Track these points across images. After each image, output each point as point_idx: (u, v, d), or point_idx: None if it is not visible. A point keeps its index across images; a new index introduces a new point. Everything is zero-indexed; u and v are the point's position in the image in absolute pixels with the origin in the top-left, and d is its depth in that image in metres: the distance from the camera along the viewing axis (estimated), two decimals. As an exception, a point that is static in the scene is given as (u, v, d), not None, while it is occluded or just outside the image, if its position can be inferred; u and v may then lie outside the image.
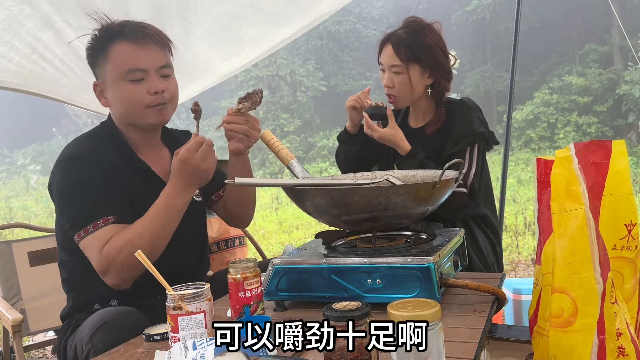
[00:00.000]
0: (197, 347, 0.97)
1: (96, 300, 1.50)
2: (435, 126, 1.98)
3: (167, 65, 1.51)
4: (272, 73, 19.42)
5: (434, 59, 1.92)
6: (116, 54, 1.46)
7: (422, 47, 1.91)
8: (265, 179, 1.77)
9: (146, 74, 1.46)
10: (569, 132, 14.51)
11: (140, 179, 1.52)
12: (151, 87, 1.46)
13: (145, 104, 1.47)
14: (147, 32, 1.48)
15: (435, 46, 1.92)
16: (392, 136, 1.91)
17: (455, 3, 18.93)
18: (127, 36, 1.46)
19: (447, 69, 1.96)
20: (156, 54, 1.49)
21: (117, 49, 1.46)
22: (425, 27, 1.94)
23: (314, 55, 20.61)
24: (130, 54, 1.46)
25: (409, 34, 1.93)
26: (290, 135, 18.57)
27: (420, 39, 1.91)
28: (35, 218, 11.57)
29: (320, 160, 17.25)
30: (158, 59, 1.49)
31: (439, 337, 0.85)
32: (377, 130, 1.92)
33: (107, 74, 1.49)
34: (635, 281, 0.97)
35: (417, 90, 1.95)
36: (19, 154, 21.43)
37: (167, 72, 1.51)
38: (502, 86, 16.62)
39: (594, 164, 0.93)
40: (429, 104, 2.02)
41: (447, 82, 1.98)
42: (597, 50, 16.40)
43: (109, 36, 1.48)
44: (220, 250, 2.39)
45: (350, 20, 20.94)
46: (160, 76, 1.49)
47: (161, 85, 1.48)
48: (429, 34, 1.93)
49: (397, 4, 21.60)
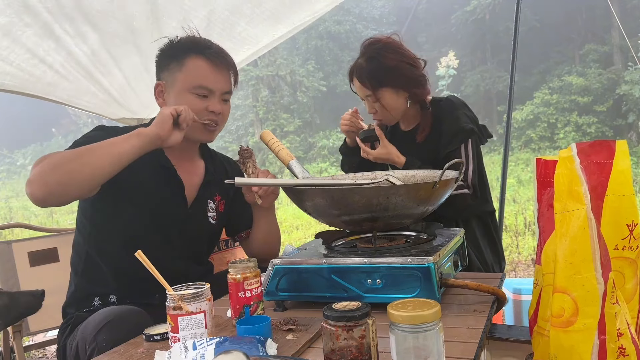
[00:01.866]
0: (197, 347, 0.96)
1: (96, 293, 1.54)
2: (424, 132, 1.99)
3: (229, 92, 1.64)
4: (272, 73, 19.43)
5: (400, 76, 1.91)
6: (192, 67, 1.56)
7: (384, 71, 1.91)
8: (265, 179, 1.77)
9: (211, 93, 1.58)
10: (569, 132, 14.52)
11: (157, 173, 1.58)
12: (211, 106, 1.57)
13: (201, 118, 1.56)
14: (225, 59, 1.61)
15: (399, 63, 1.91)
16: (386, 154, 1.95)
17: (455, 3, 18.93)
18: (207, 55, 1.57)
19: (418, 77, 1.95)
20: (225, 80, 1.61)
21: (194, 63, 1.56)
22: (382, 48, 1.92)
23: (314, 55, 20.61)
24: (205, 72, 1.56)
25: (368, 61, 1.93)
26: (290, 135, 18.57)
27: (380, 63, 1.91)
28: (35, 218, 11.57)
29: (320, 160, 17.26)
30: (225, 85, 1.61)
31: (439, 337, 0.85)
32: (371, 153, 1.98)
33: (176, 81, 1.57)
34: (636, 281, 0.97)
35: (397, 107, 1.97)
36: (19, 154, 21.44)
37: (227, 97, 1.64)
38: (502, 86, 16.63)
39: (596, 164, 0.93)
40: (416, 109, 2.04)
41: (422, 89, 1.97)
42: (597, 50, 16.41)
43: (190, 48, 1.58)
44: (220, 250, 2.39)
45: (350, 20, 20.94)
46: (222, 100, 1.61)
47: (220, 108, 1.60)
48: (388, 54, 1.91)
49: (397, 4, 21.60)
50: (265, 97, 19.50)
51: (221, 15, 2.59)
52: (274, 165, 16.77)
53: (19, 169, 20.37)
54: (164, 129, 1.41)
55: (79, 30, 2.38)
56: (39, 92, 2.76)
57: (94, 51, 2.54)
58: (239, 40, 2.83)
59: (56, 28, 2.31)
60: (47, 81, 2.65)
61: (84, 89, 2.80)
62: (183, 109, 1.44)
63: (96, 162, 1.34)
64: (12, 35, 2.25)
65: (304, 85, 19.77)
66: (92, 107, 3.03)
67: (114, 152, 1.36)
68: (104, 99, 2.93)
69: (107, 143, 1.38)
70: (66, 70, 2.61)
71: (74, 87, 2.76)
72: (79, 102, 2.95)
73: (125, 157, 1.38)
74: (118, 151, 1.36)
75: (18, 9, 2.13)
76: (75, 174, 1.32)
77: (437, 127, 1.97)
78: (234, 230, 1.83)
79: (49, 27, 2.29)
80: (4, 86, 2.59)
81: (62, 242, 2.50)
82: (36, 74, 2.56)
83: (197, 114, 1.53)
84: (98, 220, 1.56)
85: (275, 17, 2.74)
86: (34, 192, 1.31)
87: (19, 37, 2.28)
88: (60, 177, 1.31)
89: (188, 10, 2.48)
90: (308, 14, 2.85)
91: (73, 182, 1.33)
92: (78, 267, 1.60)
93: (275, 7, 2.66)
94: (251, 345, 0.97)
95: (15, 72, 2.50)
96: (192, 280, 1.18)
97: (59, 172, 1.31)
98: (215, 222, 1.72)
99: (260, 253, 1.71)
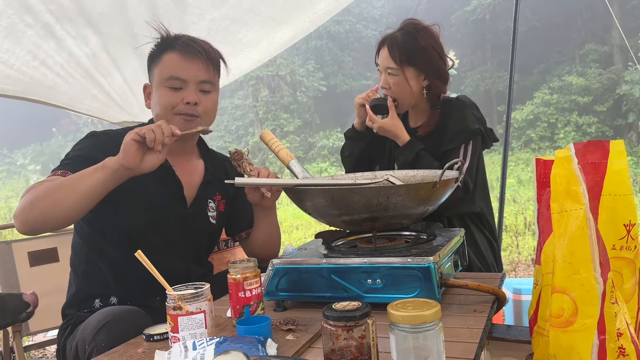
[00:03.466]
0: (197, 347, 0.97)
1: (97, 295, 1.54)
2: (426, 128, 1.99)
3: (208, 82, 1.57)
4: (272, 73, 19.43)
5: (428, 61, 1.92)
6: (165, 62, 1.55)
7: (417, 49, 1.91)
8: (265, 179, 1.77)
9: (185, 84, 1.53)
10: (569, 132, 14.52)
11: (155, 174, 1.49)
12: (186, 96, 1.53)
13: (175, 111, 1.53)
14: (197, 46, 1.55)
15: (431, 48, 1.92)
16: (392, 126, 1.93)
17: (455, 3, 18.94)
18: (177, 47, 1.55)
19: (442, 71, 1.96)
20: (200, 68, 1.55)
21: (167, 57, 1.55)
22: (422, 29, 1.94)
23: (314, 55, 20.62)
24: (175, 63, 1.53)
25: (404, 36, 1.93)
26: (290, 135, 18.57)
27: (416, 42, 1.91)
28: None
29: (320, 160, 17.26)
30: (200, 73, 1.55)
31: (439, 337, 0.85)
32: (377, 121, 1.95)
33: (154, 78, 1.58)
34: (634, 281, 0.97)
35: (412, 92, 1.95)
36: (19, 154, 21.44)
37: (207, 87, 1.58)
38: (502, 86, 16.63)
39: (592, 164, 0.93)
40: (427, 105, 2.02)
41: (443, 85, 1.97)
42: (597, 50, 16.42)
43: (164, 46, 1.57)
44: (220, 250, 2.39)
45: (350, 20, 20.95)
46: (200, 90, 1.56)
47: (195, 97, 1.54)
48: (425, 36, 1.93)
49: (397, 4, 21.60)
50: (265, 97, 19.51)
51: (222, 24, 2.61)
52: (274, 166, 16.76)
53: (19, 169, 20.37)
54: (128, 157, 1.32)
55: (80, 32, 2.39)
56: (40, 97, 2.77)
57: (94, 52, 2.55)
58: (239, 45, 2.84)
59: (57, 29, 2.32)
60: (48, 85, 2.66)
61: (84, 92, 2.80)
62: (146, 130, 1.32)
63: (65, 201, 1.34)
64: (13, 36, 2.26)
65: (304, 85, 19.78)
66: (93, 111, 3.03)
67: (80, 190, 1.33)
68: (105, 102, 2.94)
69: (75, 179, 1.35)
70: (67, 73, 2.62)
71: (75, 90, 2.77)
72: (80, 106, 2.96)
73: (92, 194, 1.34)
74: (84, 189, 1.33)
75: (19, 9, 2.13)
76: (49, 211, 1.34)
77: (444, 123, 1.96)
78: (234, 230, 1.81)
79: (50, 28, 2.30)
80: (6, 91, 2.60)
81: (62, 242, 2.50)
82: (37, 77, 2.57)
83: (173, 108, 1.52)
84: (95, 222, 1.54)
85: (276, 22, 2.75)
86: (18, 227, 1.38)
87: (20, 39, 2.29)
88: (37, 215, 1.35)
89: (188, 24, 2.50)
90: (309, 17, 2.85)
91: (50, 219, 1.36)
92: (78, 268, 1.60)
93: (277, 13, 2.67)
94: (251, 345, 0.97)
95: (16, 75, 2.50)
96: (192, 280, 1.18)
97: (36, 209, 1.34)
98: (216, 221, 1.71)
99: (261, 253, 1.70)
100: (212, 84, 1.59)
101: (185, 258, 1.63)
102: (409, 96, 1.96)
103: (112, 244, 1.53)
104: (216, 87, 1.62)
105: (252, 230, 1.76)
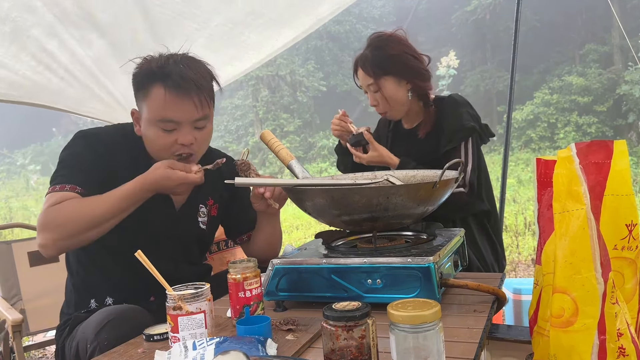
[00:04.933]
0: (197, 347, 0.96)
1: (92, 296, 1.53)
2: (426, 128, 2.01)
3: (202, 118, 1.48)
4: (272, 73, 19.42)
5: (403, 65, 1.94)
6: (154, 98, 1.44)
7: (388, 59, 1.94)
8: (265, 179, 1.77)
9: (179, 125, 1.45)
10: (569, 132, 14.52)
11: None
12: (180, 138, 1.45)
13: (172, 152, 1.48)
14: (188, 83, 1.42)
15: (402, 53, 1.95)
16: (378, 157, 1.97)
17: (455, 3, 18.93)
18: (167, 85, 1.41)
19: (420, 70, 1.97)
20: (192, 108, 1.44)
21: (155, 92, 1.43)
22: (386, 39, 1.98)
23: (314, 55, 20.62)
24: (166, 103, 1.42)
25: (373, 51, 1.97)
26: (290, 135, 18.57)
27: (384, 52, 1.95)
28: (35, 218, 11.49)
29: (320, 160, 17.25)
30: (194, 113, 1.45)
31: (439, 337, 0.85)
32: (363, 157, 1.99)
33: (143, 111, 1.48)
34: (635, 281, 0.97)
35: (399, 99, 1.98)
36: (18, 154, 21.43)
37: (202, 124, 1.49)
38: (502, 86, 16.63)
39: (595, 164, 0.93)
40: (419, 105, 2.05)
41: (425, 83, 1.99)
42: (597, 50, 16.41)
43: (151, 77, 1.44)
44: (220, 250, 2.39)
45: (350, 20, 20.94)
46: (195, 128, 1.48)
47: (191, 138, 1.46)
48: (392, 44, 1.96)
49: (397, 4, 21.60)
50: (265, 97, 19.51)
51: (224, 28, 2.61)
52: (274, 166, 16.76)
53: (19, 169, 20.36)
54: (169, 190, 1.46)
55: (84, 36, 2.40)
56: (44, 102, 2.76)
57: (98, 54, 2.55)
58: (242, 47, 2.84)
59: (60, 30, 2.31)
60: (53, 89, 2.65)
61: (88, 95, 2.80)
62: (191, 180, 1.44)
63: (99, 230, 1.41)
64: (18, 39, 2.26)
65: (304, 85, 19.77)
66: (97, 114, 3.02)
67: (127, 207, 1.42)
68: (109, 104, 2.93)
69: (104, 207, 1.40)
70: (71, 76, 2.61)
71: (80, 94, 2.76)
72: (84, 109, 2.96)
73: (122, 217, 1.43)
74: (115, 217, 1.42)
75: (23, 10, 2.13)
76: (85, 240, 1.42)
77: (440, 124, 1.98)
78: (234, 233, 1.79)
79: (54, 28, 2.29)
80: (10, 97, 2.60)
81: (62, 242, 2.50)
82: (41, 82, 2.56)
83: (167, 149, 1.47)
84: None
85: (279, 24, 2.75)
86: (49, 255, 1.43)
87: (24, 41, 2.28)
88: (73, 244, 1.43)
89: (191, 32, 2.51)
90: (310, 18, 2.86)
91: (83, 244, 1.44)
92: (73, 270, 1.59)
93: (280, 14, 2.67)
94: (251, 345, 0.97)
95: (21, 81, 2.50)
96: (184, 281, 1.18)
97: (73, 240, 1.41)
98: (206, 227, 1.66)
99: (262, 255, 1.68)
100: (206, 119, 1.50)
101: (176, 261, 1.59)
102: (399, 105, 1.99)
103: (104, 246, 1.51)
104: (211, 118, 1.54)
105: (254, 233, 1.74)
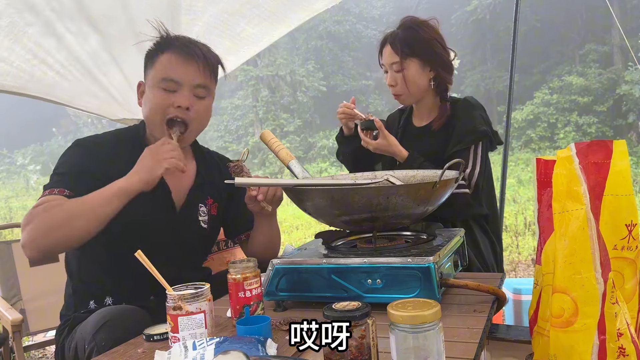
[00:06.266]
0: (197, 347, 0.96)
1: (92, 296, 1.52)
2: (440, 121, 1.99)
3: (203, 86, 1.53)
4: (272, 73, 19.44)
5: (432, 52, 1.94)
6: (161, 62, 1.51)
7: (418, 41, 1.93)
8: (265, 179, 1.77)
9: (179, 86, 1.49)
10: (569, 132, 14.53)
11: None
12: (178, 100, 1.48)
13: (167, 114, 1.49)
14: (195, 49, 1.51)
15: (433, 39, 1.94)
16: (387, 146, 1.93)
17: (455, 3, 18.95)
18: (175, 48, 1.50)
19: (447, 61, 1.97)
20: (196, 72, 1.50)
21: (164, 57, 1.51)
22: (420, 23, 1.97)
23: (314, 55, 20.63)
24: (171, 64, 1.49)
25: (405, 30, 1.95)
26: (290, 135, 18.58)
27: (416, 34, 1.94)
28: (35, 218, 11.53)
29: (320, 160, 17.26)
30: (196, 76, 1.50)
31: (439, 337, 0.85)
32: (371, 143, 1.96)
33: (148, 78, 1.54)
34: (635, 281, 0.97)
35: (419, 84, 1.96)
36: (18, 154, 21.45)
37: (202, 93, 1.53)
38: (502, 86, 16.64)
39: (594, 164, 0.93)
40: (434, 100, 2.03)
41: (448, 75, 1.98)
42: (597, 50, 16.42)
43: (162, 46, 1.53)
44: (220, 250, 2.39)
45: (350, 20, 20.96)
46: (194, 95, 1.51)
47: (188, 102, 1.49)
48: (425, 28, 1.95)
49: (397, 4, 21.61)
50: (265, 97, 19.52)
51: (220, 18, 2.61)
52: (274, 165, 16.77)
53: (19, 169, 20.38)
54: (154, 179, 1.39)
55: (81, 30, 2.38)
56: (39, 93, 2.76)
57: (94, 50, 2.55)
58: (238, 40, 2.84)
59: (58, 26, 2.31)
60: (48, 82, 2.65)
61: (84, 89, 2.80)
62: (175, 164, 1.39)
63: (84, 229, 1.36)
64: (13, 35, 2.25)
65: (304, 85, 19.79)
66: (92, 108, 3.02)
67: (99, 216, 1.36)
68: (104, 99, 2.93)
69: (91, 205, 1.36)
70: (67, 70, 2.61)
71: (75, 88, 2.76)
72: (79, 102, 2.95)
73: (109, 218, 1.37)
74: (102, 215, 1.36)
75: (20, 7, 2.13)
76: (66, 239, 1.36)
77: (452, 123, 1.96)
78: (233, 233, 1.79)
79: (51, 26, 2.29)
80: (4, 87, 2.59)
81: (62, 242, 2.50)
82: (37, 74, 2.56)
83: (163, 109, 1.48)
84: None
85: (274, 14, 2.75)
86: (29, 255, 1.39)
87: (20, 37, 2.28)
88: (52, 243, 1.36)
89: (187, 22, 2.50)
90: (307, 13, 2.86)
91: (67, 245, 1.41)
92: (72, 270, 1.59)
93: (276, 5, 2.67)
94: (251, 345, 0.97)
95: (16, 72, 2.50)
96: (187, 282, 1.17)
97: (51, 238, 1.35)
98: (208, 226, 1.66)
99: (261, 255, 1.67)
100: (207, 89, 1.54)
101: (177, 263, 1.58)
102: (417, 89, 1.97)
103: (103, 247, 1.50)
104: (211, 92, 1.58)
105: (252, 233, 1.73)
